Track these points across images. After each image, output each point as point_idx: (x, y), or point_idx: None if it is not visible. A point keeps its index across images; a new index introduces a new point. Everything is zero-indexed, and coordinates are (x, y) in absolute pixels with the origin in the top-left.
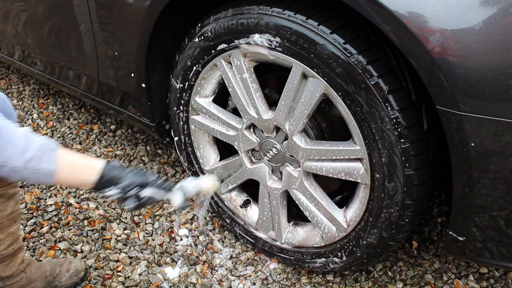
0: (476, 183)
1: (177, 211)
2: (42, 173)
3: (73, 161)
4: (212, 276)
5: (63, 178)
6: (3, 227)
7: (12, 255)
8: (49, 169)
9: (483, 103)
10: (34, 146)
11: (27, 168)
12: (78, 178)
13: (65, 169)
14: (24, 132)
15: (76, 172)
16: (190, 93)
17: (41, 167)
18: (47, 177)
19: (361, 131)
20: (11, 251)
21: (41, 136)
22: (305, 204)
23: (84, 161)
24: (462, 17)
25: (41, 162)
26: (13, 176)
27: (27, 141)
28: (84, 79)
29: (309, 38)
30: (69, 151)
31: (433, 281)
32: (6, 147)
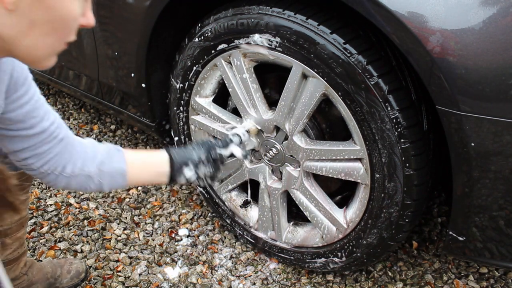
0: (476, 183)
1: (243, 159)
2: (115, 174)
3: (140, 157)
4: (212, 276)
5: (135, 176)
6: (11, 232)
7: (17, 259)
8: (120, 169)
9: (483, 103)
10: (101, 151)
11: (101, 171)
12: (151, 172)
13: (135, 166)
14: (89, 141)
15: (148, 166)
16: (190, 93)
17: (113, 167)
18: (120, 178)
19: (361, 131)
20: (16, 255)
21: (104, 143)
22: (305, 204)
23: (149, 155)
24: (462, 17)
25: (111, 163)
26: (89, 184)
27: (94, 149)
28: (84, 79)
29: (309, 38)
30: (133, 151)
31: (433, 281)
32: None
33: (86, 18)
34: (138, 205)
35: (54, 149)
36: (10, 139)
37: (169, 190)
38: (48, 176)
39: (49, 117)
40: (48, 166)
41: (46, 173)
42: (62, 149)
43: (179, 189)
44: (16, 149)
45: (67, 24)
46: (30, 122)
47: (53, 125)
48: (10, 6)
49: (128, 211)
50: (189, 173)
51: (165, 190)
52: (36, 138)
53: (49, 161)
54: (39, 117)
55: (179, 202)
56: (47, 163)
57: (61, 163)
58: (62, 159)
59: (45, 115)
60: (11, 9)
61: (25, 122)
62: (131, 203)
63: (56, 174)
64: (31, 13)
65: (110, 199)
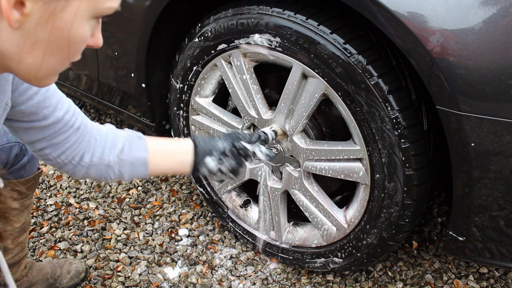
0: (476, 183)
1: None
2: (136, 164)
3: (162, 145)
4: (212, 276)
5: (157, 164)
6: (14, 237)
7: (18, 262)
8: (142, 157)
9: (483, 103)
10: (122, 138)
11: (121, 160)
12: (174, 161)
13: (157, 154)
14: (109, 128)
15: (170, 155)
16: (190, 93)
17: (134, 156)
18: (142, 166)
19: (361, 131)
20: (17, 259)
21: (124, 129)
22: (305, 204)
23: (174, 143)
24: (462, 17)
25: (132, 151)
26: (109, 173)
27: (114, 135)
28: (84, 79)
29: (309, 38)
30: (154, 138)
31: (433, 281)
32: (99, 145)
33: (94, 39)
34: (138, 205)
35: (71, 138)
36: (25, 131)
37: (169, 190)
38: (66, 166)
39: (62, 106)
40: (66, 156)
41: (64, 163)
42: (79, 138)
43: (179, 189)
44: (32, 140)
45: (75, 46)
46: (43, 113)
47: (68, 114)
48: (15, 24)
49: (128, 211)
50: (212, 163)
51: (165, 190)
52: (51, 128)
53: (66, 150)
54: (52, 107)
55: (179, 202)
56: (64, 153)
57: (79, 152)
58: (79, 148)
59: (58, 104)
60: (16, 27)
61: (37, 113)
62: (131, 203)
63: (74, 164)
64: (37, 32)
65: (110, 199)
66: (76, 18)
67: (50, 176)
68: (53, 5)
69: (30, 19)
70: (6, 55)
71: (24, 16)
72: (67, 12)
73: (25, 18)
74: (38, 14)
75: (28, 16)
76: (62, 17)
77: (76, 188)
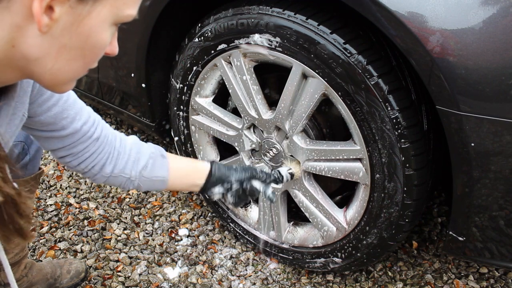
0: (476, 183)
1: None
2: (156, 181)
3: (183, 167)
4: (212, 276)
5: (174, 184)
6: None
7: (18, 262)
8: (162, 177)
9: (483, 103)
10: (145, 155)
11: (142, 176)
12: (188, 182)
13: (176, 175)
14: (134, 141)
15: (187, 177)
16: (190, 93)
17: (155, 175)
18: (161, 184)
19: (361, 131)
20: (17, 259)
21: (148, 144)
22: (305, 204)
23: (193, 165)
24: (462, 17)
25: (153, 171)
26: (129, 185)
27: (138, 150)
28: (84, 79)
29: (309, 38)
30: (175, 157)
31: (433, 281)
32: (121, 157)
33: (111, 47)
34: (138, 205)
35: (90, 148)
36: (45, 140)
37: (169, 190)
38: (87, 173)
39: (81, 117)
40: (85, 165)
41: (84, 171)
42: (99, 149)
43: None
44: (53, 148)
45: (96, 52)
46: (61, 124)
47: (86, 124)
48: (44, 28)
49: (128, 211)
50: (217, 194)
51: (165, 190)
52: (69, 138)
53: (85, 160)
54: (70, 118)
55: (179, 202)
56: (83, 162)
57: (99, 162)
58: (99, 158)
59: (76, 116)
60: (45, 31)
61: (55, 123)
62: (131, 203)
63: (94, 172)
64: (63, 37)
65: (110, 199)
66: (99, 24)
67: (50, 176)
68: (79, 10)
69: (57, 24)
70: (32, 60)
71: (53, 21)
72: (91, 18)
73: (53, 22)
74: (65, 19)
75: (56, 21)
76: (86, 23)
77: (76, 188)
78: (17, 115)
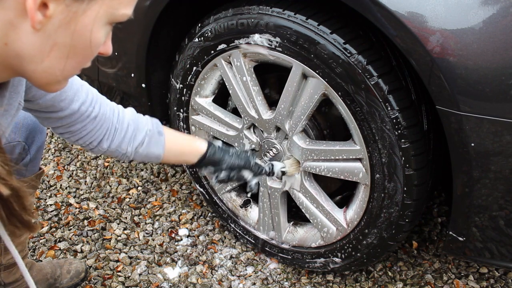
0: (476, 183)
1: None
2: (151, 157)
3: (179, 145)
4: (212, 276)
5: (169, 159)
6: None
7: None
8: (157, 153)
9: (483, 103)
10: (142, 132)
11: (137, 152)
12: (182, 159)
13: (171, 151)
14: (132, 116)
15: (181, 155)
16: (190, 93)
17: (150, 151)
18: (155, 159)
19: (361, 131)
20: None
21: (145, 118)
22: (305, 204)
23: (189, 143)
24: (462, 17)
25: (149, 147)
26: (124, 158)
27: (135, 127)
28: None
29: (309, 38)
30: (173, 133)
31: (433, 281)
32: (118, 134)
33: (105, 47)
34: (138, 205)
35: (87, 127)
36: (44, 119)
37: (169, 190)
38: (86, 147)
39: (78, 98)
40: (83, 141)
41: (83, 145)
42: (96, 126)
43: (179, 189)
44: (53, 126)
45: (90, 51)
46: (60, 106)
47: (84, 105)
48: (37, 25)
49: (128, 211)
50: (208, 170)
51: (165, 190)
52: (67, 118)
53: (83, 137)
54: (68, 100)
55: (179, 202)
56: (81, 139)
57: (97, 138)
58: (96, 135)
59: (74, 97)
60: (38, 28)
61: (54, 106)
62: (131, 203)
63: (92, 147)
64: (57, 35)
65: (110, 199)
66: (94, 23)
67: (50, 176)
68: (75, 8)
69: (51, 21)
70: (24, 57)
71: (47, 18)
72: (87, 16)
73: (47, 20)
74: (59, 17)
75: (50, 18)
76: (81, 21)
77: (76, 188)
78: (13, 105)
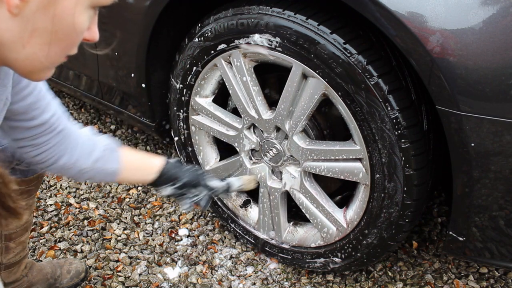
0: (476, 183)
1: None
2: (107, 173)
3: (135, 160)
4: (212, 276)
5: (125, 176)
6: (16, 236)
7: (18, 262)
8: (113, 169)
9: (483, 103)
10: (99, 148)
11: (94, 168)
12: (138, 176)
13: (127, 168)
14: (89, 133)
15: (138, 170)
16: (190, 93)
17: (106, 167)
18: (111, 176)
19: (361, 131)
20: (18, 259)
21: (104, 136)
22: (305, 204)
23: (145, 160)
24: (462, 17)
25: (106, 162)
26: (80, 177)
27: (93, 142)
28: (84, 79)
29: (309, 38)
30: (130, 150)
31: (433, 281)
32: (76, 149)
33: (90, 32)
34: (138, 205)
35: (52, 140)
36: (11, 129)
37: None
38: (41, 164)
39: (50, 108)
40: (43, 156)
41: (40, 162)
42: (60, 141)
43: None
44: (16, 138)
45: (72, 37)
46: (32, 114)
47: (54, 117)
48: (14, 10)
49: (128, 211)
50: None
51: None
52: (36, 129)
53: (44, 151)
54: (41, 109)
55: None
56: (42, 153)
57: (56, 154)
58: (58, 150)
59: (46, 106)
60: (16, 13)
61: (27, 113)
62: (131, 203)
63: (48, 164)
64: (36, 20)
65: (110, 199)
66: (75, 6)
67: (50, 176)
68: None
69: (29, 5)
70: (4, 44)
71: (24, 2)
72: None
73: (24, 4)
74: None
75: (28, 2)
76: (61, 4)
77: (76, 188)
78: (1, 99)
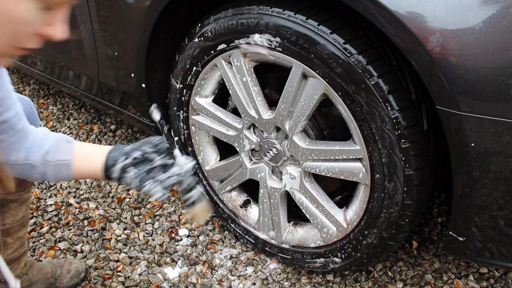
0: (476, 183)
1: None
2: (60, 165)
3: (85, 150)
4: (212, 276)
5: (79, 168)
6: (13, 232)
7: (17, 259)
8: (65, 160)
9: (483, 103)
10: (50, 140)
11: (46, 161)
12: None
13: (79, 157)
14: (42, 130)
15: (89, 159)
16: (190, 93)
17: (57, 159)
18: (65, 169)
19: (361, 131)
20: (17, 255)
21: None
22: (305, 204)
23: (96, 147)
24: (462, 17)
25: (57, 154)
26: (33, 173)
27: (44, 137)
28: (84, 79)
29: (309, 38)
30: (81, 143)
31: (433, 281)
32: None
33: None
34: (138, 205)
35: (9, 139)
36: None
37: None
38: None
39: (14, 107)
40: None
41: None
42: (16, 140)
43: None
44: None
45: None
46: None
47: (16, 116)
48: None
49: (128, 211)
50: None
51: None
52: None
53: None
54: (5, 107)
55: (179, 202)
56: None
57: (9, 152)
58: (11, 149)
59: (11, 105)
60: None
61: None
62: (131, 203)
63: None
64: None
65: (110, 199)
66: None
67: None
68: None
69: None
70: None
71: None
72: None
73: None
74: None
75: None
76: None
77: (76, 188)
78: None
